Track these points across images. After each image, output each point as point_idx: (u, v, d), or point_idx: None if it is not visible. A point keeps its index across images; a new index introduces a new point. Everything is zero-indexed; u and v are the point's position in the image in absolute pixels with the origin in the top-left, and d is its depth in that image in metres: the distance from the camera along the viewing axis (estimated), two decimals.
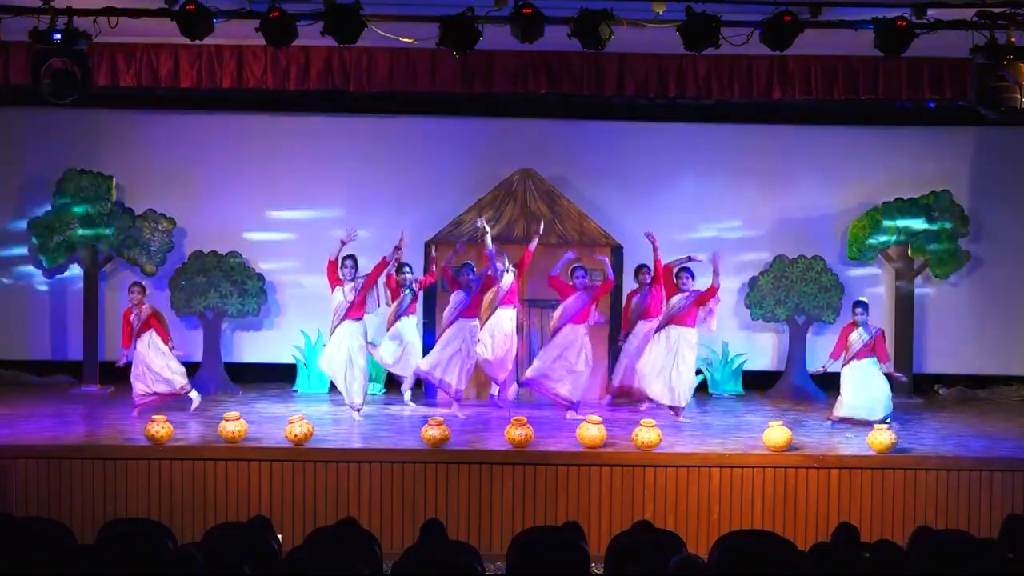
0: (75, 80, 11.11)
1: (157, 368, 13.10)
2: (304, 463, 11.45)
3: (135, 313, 13.20)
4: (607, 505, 11.39)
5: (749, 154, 15.70)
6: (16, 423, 12.64)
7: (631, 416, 13.20)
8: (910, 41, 11.14)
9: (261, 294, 15.28)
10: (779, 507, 11.42)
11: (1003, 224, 15.70)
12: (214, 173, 15.55)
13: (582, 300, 13.52)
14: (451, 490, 11.40)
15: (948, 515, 11.44)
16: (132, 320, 13.20)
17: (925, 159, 15.68)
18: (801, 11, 11.24)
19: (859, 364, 12.98)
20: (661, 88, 13.25)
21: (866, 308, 13.16)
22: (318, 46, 12.48)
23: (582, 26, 10.95)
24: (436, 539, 7.89)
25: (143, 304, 13.23)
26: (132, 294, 13.27)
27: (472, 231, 14.46)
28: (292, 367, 15.29)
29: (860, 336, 13.02)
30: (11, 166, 15.46)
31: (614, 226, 15.09)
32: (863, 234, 15.35)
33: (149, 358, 13.10)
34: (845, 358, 13.05)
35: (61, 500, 11.28)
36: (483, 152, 15.52)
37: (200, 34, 11.09)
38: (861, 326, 13.04)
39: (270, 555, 7.65)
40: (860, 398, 12.88)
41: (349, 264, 13.24)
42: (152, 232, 15.15)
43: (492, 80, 13.11)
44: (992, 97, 11.08)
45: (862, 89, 13.16)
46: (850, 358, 13.02)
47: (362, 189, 15.65)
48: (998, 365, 15.75)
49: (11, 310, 15.51)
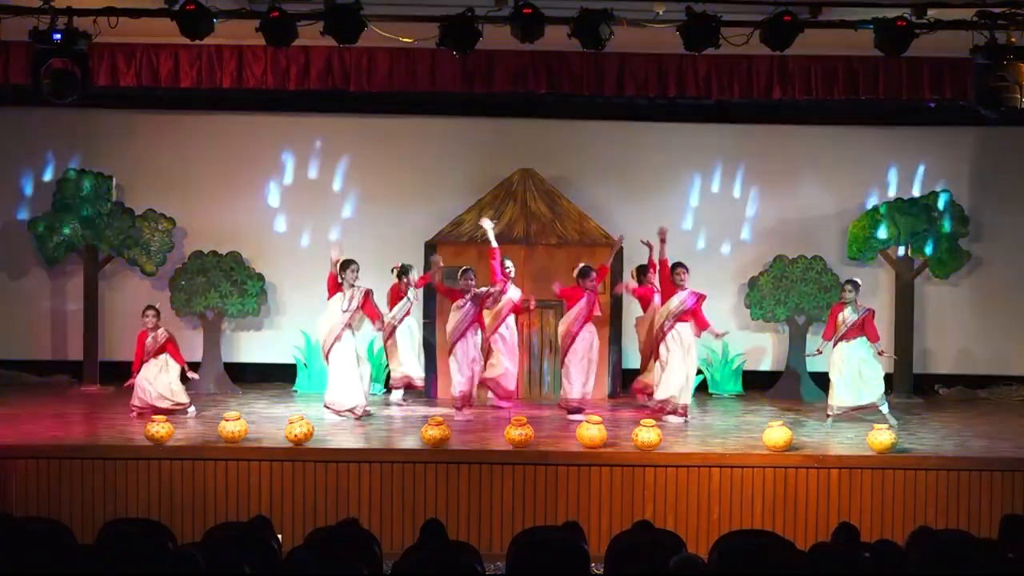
0: (75, 80, 11.12)
1: (161, 387, 13.08)
2: (304, 463, 11.44)
3: (151, 336, 13.12)
4: (607, 505, 11.38)
5: (749, 154, 15.71)
6: (16, 423, 12.63)
7: (631, 416, 13.20)
8: (910, 41, 11.14)
9: (261, 294, 15.29)
10: (779, 507, 11.41)
11: (1003, 224, 15.71)
12: (214, 173, 15.56)
13: (591, 300, 13.44)
14: (451, 490, 11.39)
15: (948, 515, 11.42)
16: (148, 344, 13.12)
17: (925, 159, 15.68)
18: (801, 11, 11.25)
19: (847, 345, 13.00)
20: (661, 88, 13.26)
21: (856, 287, 13.14)
22: (318, 46, 12.49)
23: (582, 26, 10.96)
24: (436, 539, 7.88)
25: (159, 328, 13.20)
26: (147, 318, 13.15)
27: (472, 231, 14.48)
28: (292, 367, 15.30)
29: (849, 316, 13.02)
30: (11, 166, 15.46)
31: (614, 226, 15.09)
32: (863, 234, 15.35)
33: (158, 378, 13.08)
34: (835, 339, 13.06)
35: (61, 500, 11.27)
36: (483, 152, 15.52)
37: (200, 34, 11.10)
38: (849, 305, 13.04)
39: (270, 555, 7.64)
40: (848, 382, 12.94)
41: (353, 268, 13.16)
42: (152, 232, 15.15)
43: (492, 80, 13.12)
44: (992, 97, 11.09)
45: (862, 89, 13.17)
46: (839, 338, 13.02)
47: (362, 189, 15.65)
48: (998, 365, 15.76)
49: (11, 310, 15.51)
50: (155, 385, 13.07)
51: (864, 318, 13.05)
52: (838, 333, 13.04)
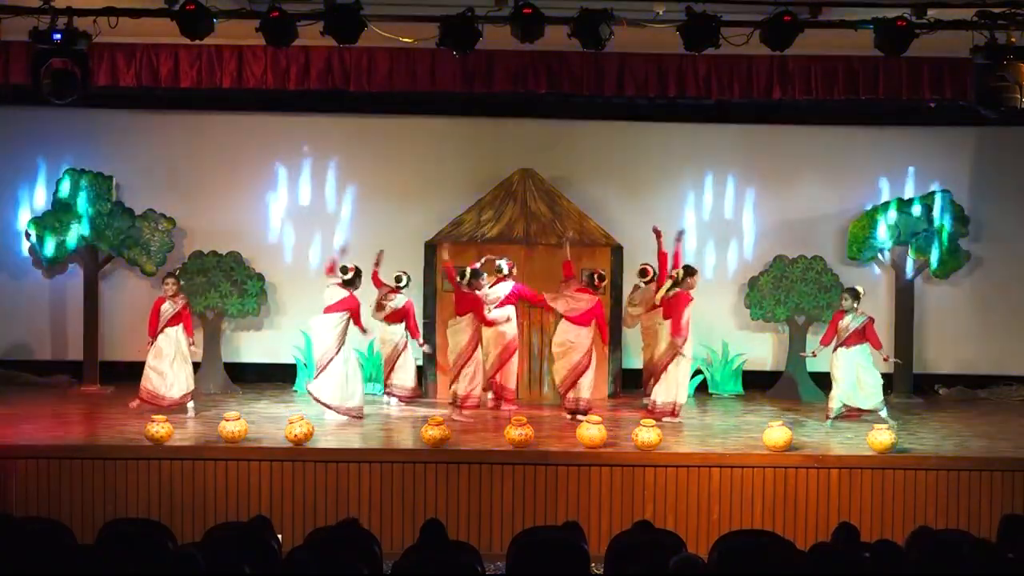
0: (75, 80, 11.10)
1: (175, 371, 13.26)
2: (304, 463, 11.44)
3: (169, 302, 13.33)
4: (607, 505, 11.38)
5: (749, 154, 15.71)
6: (16, 423, 12.63)
7: (631, 416, 13.20)
8: (910, 41, 11.14)
9: (261, 294, 15.29)
10: (779, 507, 11.41)
11: (1003, 224, 15.71)
12: (214, 173, 15.56)
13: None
14: (451, 490, 11.39)
15: (948, 515, 11.43)
16: (163, 310, 13.31)
17: (925, 159, 15.68)
18: (801, 11, 11.24)
19: (847, 352, 13.13)
20: (661, 88, 13.26)
21: (855, 295, 13.23)
22: (318, 46, 12.49)
23: (582, 26, 10.95)
24: (436, 539, 7.88)
25: (179, 296, 13.37)
26: (168, 285, 13.40)
27: (472, 231, 14.49)
28: (292, 367, 15.30)
29: (849, 323, 13.14)
30: (11, 166, 15.45)
31: (614, 226, 15.10)
32: (863, 234, 15.35)
33: (171, 358, 13.25)
34: (835, 345, 13.17)
35: (61, 500, 11.27)
36: (483, 152, 15.52)
37: (200, 34, 11.09)
38: (850, 312, 13.14)
39: (270, 555, 7.64)
40: (849, 385, 13.06)
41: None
42: (152, 232, 15.15)
43: (492, 80, 13.12)
44: (992, 97, 11.08)
45: (862, 89, 13.17)
46: (839, 344, 13.14)
47: (362, 189, 15.65)
48: (998, 365, 15.76)
49: (11, 310, 15.50)
50: (164, 378, 13.24)
51: (864, 326, 13.14)
52: (838, 339, 13.15)
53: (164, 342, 13.33)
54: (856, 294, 13.28)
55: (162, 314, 13.32)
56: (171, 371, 13.30)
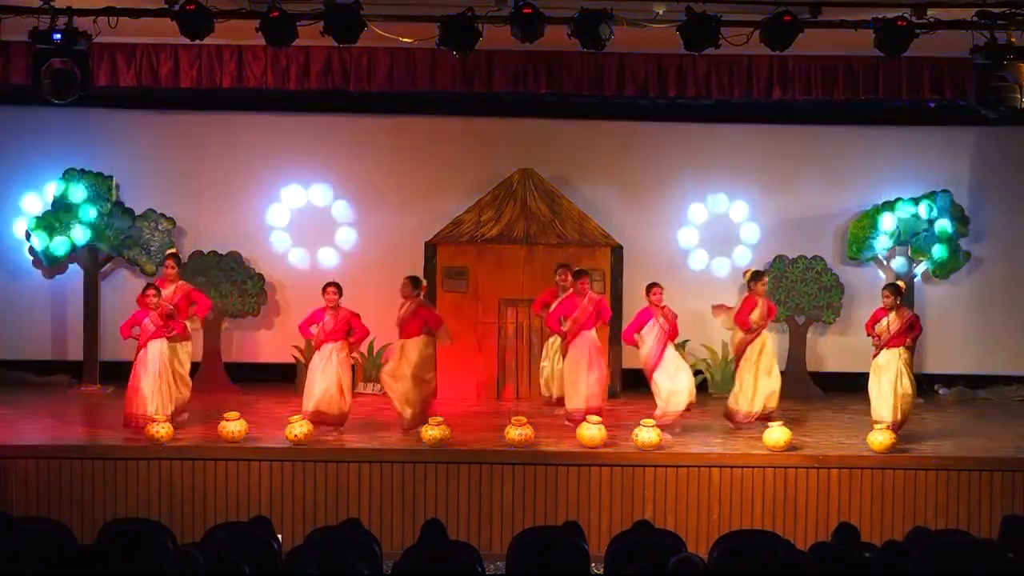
0: (75, 80, 11.11)
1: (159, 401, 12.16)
2: (304, 463, 11.45)
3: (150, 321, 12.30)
4: (607, 505, 11.39)
5: (749, 154, 15.70)
6: (16, 423, 12.64)
7: (631, 416, 13.19)
8: (910, 41, 11.14)
9: (261, 294, 15.29)
10: (779, 507, 11.42)
11: (1003, 224, 15.70)
12: (214, 173, 15.55)
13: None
14: (451, 490, 11.40)
15: (948, 515, 11.44)
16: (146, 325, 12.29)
17: (925, 159, 15.67)
18: (801, 11, 11.23)
19: (887, 354, 12.40)
20: (661, 88, 13.25)
21: (897, 291, 12.62)
22: (318, 46, 12.49)
23: (582, 26, 10.95)
24: (436, 539, 7.89)
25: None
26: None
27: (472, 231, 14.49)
28: (292, 367, 15.29)
29: (891, 321, 12.46)
30: (11, 166, 15.45)
31: (614, 226, 15.10)
32: (863, 234, 15.35)
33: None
34: (878, 346, 12.47)
35: (61, 500, 11.28)
36: (483, 152, 15.52)
37: (200, 34, 11.09)
38: (892, 311, 12.48)
39: (270, 555, 7.65)
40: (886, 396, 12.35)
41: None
42: (152, 232, 15.15)
43: (492, 80, 13.12)
44: (992, 97, 11.09)
45: (862, 89, 13.16)
46: (882, 346, 12.47)
47: (362, 189, 15.65)
48: (998, 365, 15.75)
49: (11, 310, 15.50)
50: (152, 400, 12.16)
51: (910, 320, 12.53)
52: (881, 341, 12.47)
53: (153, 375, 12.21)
54: (898, 290, 12.66)
55: (144, 328, 12.33)
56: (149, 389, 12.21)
